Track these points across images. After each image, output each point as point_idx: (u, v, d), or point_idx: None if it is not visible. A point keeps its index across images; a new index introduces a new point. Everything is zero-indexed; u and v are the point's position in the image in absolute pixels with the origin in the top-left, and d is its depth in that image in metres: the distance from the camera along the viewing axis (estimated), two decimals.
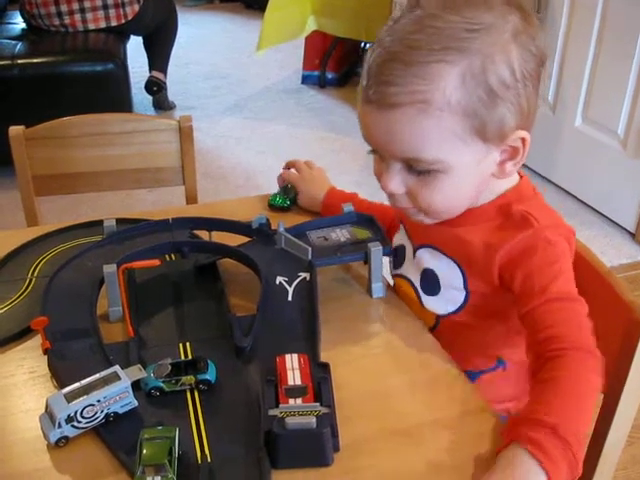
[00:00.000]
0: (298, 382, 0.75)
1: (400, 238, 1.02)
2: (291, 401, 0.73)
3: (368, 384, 0.83)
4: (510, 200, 0.89)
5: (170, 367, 0.79)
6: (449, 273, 0.92)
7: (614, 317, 0.91)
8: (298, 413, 0.72)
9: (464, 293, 0.91)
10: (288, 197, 1.20)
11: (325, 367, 0.80)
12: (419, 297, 0.96)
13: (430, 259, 0.94)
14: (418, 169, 0.83)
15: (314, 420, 0.70)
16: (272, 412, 0.72)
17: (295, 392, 0.74)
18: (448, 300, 0.93)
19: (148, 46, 3.53)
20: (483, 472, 0.68)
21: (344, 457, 0.72)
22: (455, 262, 0.91)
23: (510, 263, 0.86)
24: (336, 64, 3.98)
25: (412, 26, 0.79)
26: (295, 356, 0.79)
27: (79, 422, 0.73)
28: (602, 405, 0.93)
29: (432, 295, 0.95)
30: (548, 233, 0.85)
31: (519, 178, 0.92)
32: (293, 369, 0.77)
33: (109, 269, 0.91)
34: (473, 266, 0.89)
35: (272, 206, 1.20)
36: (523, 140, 0.84)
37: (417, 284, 0.96)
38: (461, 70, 0.77)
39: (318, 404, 0.73)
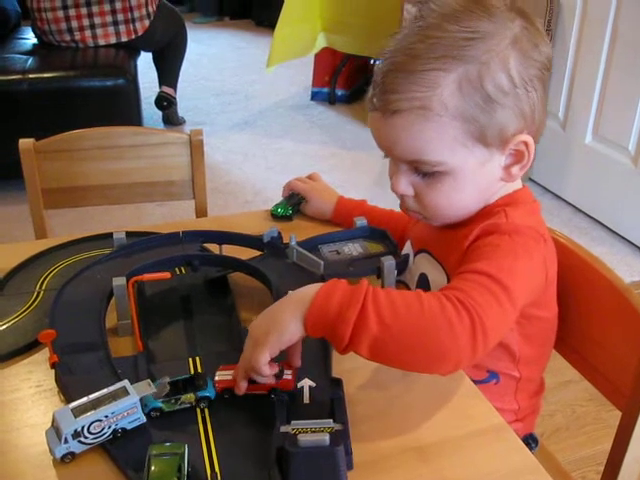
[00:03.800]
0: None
1: (406, 247, 1.03)
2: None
3: (382, 400, 0.81)
4: (500, 204, 0.90)
5: (169, 386, 0.76)
6: (438, 277, 0.93)
7: (632, 334, 0.89)
8: (311, 430, 0.70)
9: None
10: (291, 207, 1.20)
11: (338, 383, 0.78)
12: None
13: (424, 264, 0.96)
14: (423, 170, 0.86)
15: (327, 437, 0.68)
16: (284, 429, 0.70)
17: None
18: None
19: (158, 62, 3.55)
20: None
21: (358, 476, 0.69)
22: (442, 266, 0.92)
23: (471, 243, 0.86)
24: (346, 81, 4.00)
25: (414, 37, 0.83)
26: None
27: (86, 437, 0.71)
28: (620, 422, 0.92)
29: None
30: (512, 229, 0.84)
31: (520, 186, 0.93)
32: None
33: (118, 282, 0.90)
34: (455, 270, 0.88)
35: (274, 216, 1.20)
36: (526, 144, 0.85)
37: (413, 289, 0.97)
38: (457, 77, 0.80)
39: (331, 421, 0.71)
